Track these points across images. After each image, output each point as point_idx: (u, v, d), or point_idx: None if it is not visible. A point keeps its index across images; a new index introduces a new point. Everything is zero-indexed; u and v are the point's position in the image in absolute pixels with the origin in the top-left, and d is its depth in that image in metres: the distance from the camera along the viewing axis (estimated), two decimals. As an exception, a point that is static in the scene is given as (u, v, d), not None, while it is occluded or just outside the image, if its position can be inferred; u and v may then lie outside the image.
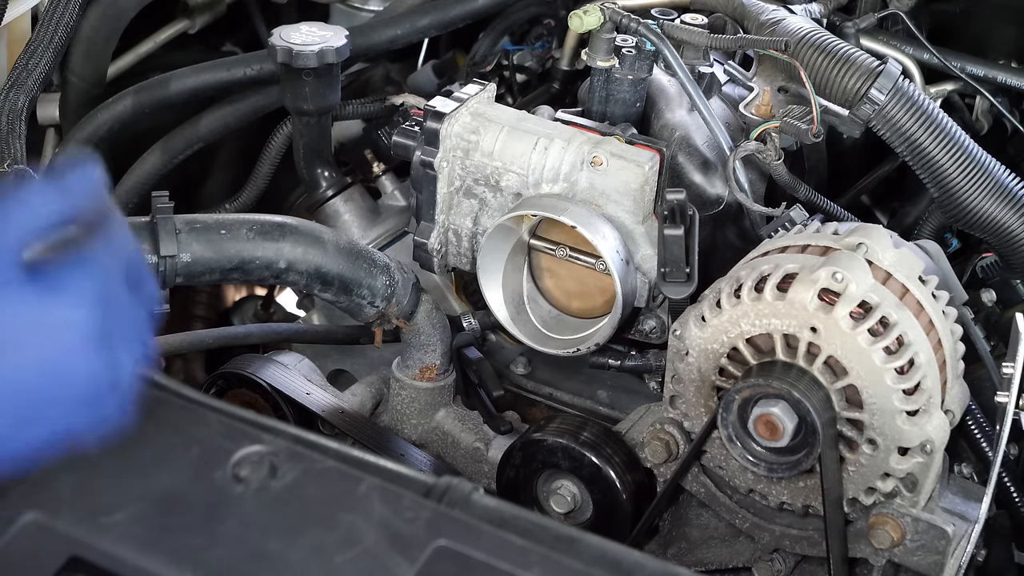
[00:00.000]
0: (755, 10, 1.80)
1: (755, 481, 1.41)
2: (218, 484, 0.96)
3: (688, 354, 1.38)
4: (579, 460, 1.48)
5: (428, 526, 0.93)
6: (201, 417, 1.01)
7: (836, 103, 1.61)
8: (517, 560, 0.91)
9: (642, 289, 1.53)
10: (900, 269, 1.36)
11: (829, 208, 1.66)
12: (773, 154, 1.59)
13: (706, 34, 1.69)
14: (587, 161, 1.52)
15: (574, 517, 1.52)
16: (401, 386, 1.67)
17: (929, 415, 1.29)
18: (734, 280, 1.35)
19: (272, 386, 1.65)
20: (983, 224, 1.58)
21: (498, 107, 1.60)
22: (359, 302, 1.54)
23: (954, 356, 1.38)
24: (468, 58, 2.16)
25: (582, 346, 1.54)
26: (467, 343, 1.68)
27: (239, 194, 2.04)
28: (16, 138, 1.72)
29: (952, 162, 1.57)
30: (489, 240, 1.53)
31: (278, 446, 0.99)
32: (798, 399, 1.28)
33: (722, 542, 1.52)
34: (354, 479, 0.97)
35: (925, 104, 1.58)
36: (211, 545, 0.91)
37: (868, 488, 1.34)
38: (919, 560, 1.35)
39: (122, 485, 0.94)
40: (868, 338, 1.28)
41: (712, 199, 1.66)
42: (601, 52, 1.64)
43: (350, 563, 0.90)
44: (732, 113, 1.73)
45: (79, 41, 1.89)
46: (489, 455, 1.64)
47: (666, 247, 1.43)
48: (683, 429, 1.44)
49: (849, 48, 1.64)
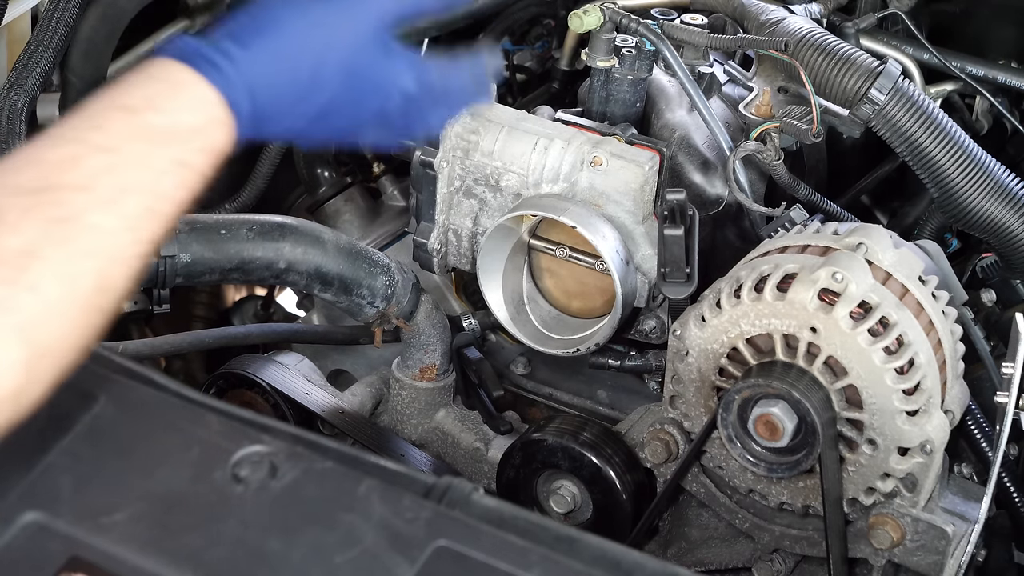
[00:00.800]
0: (755, 10, 1.80)
1: (755, 481, 1.41)
2: (218, 484, 0.96)
3: (688, 354, 1.38)
4: (579, 460, 1.48)
5: (428, 526, 0.93)
6: (201, 417, 1.01)
7: (836, 103, 1.61)
8: (517, 560, 0.91)
9: (642, 289, 1.53)
10: (900, 269, 1.36)
11: (829, 208, 1.66)
12: (773, 154, 1.59)
13: (706, 34, 1.69)
14: (587, 161, 1.52)
15: (574, 517, 1.52)
16: (401, 386, 1.67)
17: (929, 415, 1.29)
18: (734, 280, 1.35)
19: (272, 386, 1.66)
20: (983, 224, 1.58)
21: (498, 107, 1.60)
22: (359, 302, 1.54)
23: (954, 356, 1.38)
24: (468, 58, 2.16)
25: (582, 346, 1.54)
26: (467, 343, 1.68)
27: (239, 194, 2.04)
28: (16, 138, 1.72)
29: (952, 162, 1.57)
30: (489, 240, 1.53)
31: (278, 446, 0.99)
32: (798, 399, 1.28)
33: (722, 542, 1.52)
34: (354, 479, 0.97)
35: (925, 104, 1.58)
36: (211, 545, 0.91)
37: (868, 488, 1.34)
38: (919, 560, 1.35)
39: (122, 485, 0.94)
40: (868, 338, 1.28)
41: (712, 199, 1.66)
42: (601, 52, 1.64)
43: (350, 563, 0.90)
44: (732, 113, 1.73)
45: (79, 41, 1.89)
46: (489, 455, 1.64)
47: (666, 247, 1.43)
48: (683, 429, 1.44)
49: (849, 48, 1.64)
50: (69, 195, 0.91)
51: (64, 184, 0.92)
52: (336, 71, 1.08)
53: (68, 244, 0.89)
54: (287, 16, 1.08)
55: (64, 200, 0.91)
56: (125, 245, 0.93)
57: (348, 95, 1.09)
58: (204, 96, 1.02)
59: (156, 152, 0.97)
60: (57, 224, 0.89)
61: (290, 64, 1.06)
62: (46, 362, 0.88)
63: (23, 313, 0.87)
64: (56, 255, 0.89)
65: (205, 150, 1.01)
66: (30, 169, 0.93)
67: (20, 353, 0.86)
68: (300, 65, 1.07)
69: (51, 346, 0.88)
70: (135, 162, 0.96)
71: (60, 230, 0.89)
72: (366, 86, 1.10)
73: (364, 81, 1.10)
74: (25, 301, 0.87)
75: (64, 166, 0.93)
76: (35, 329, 0.87)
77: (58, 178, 0.92)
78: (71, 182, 0.92)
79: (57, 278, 0.88)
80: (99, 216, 0.91)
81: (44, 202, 0.90)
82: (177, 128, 1.00)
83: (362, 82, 1.10)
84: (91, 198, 0.92)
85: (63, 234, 0.89)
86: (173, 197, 0.97)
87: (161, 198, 0.96)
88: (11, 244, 0.88)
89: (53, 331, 0.88)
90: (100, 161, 0.94)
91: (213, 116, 1.02)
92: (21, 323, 0.86)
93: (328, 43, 1.08)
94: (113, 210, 0.92)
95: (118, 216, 0.93)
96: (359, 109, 1.11)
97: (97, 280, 0.91)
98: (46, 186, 0.91)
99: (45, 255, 0.88)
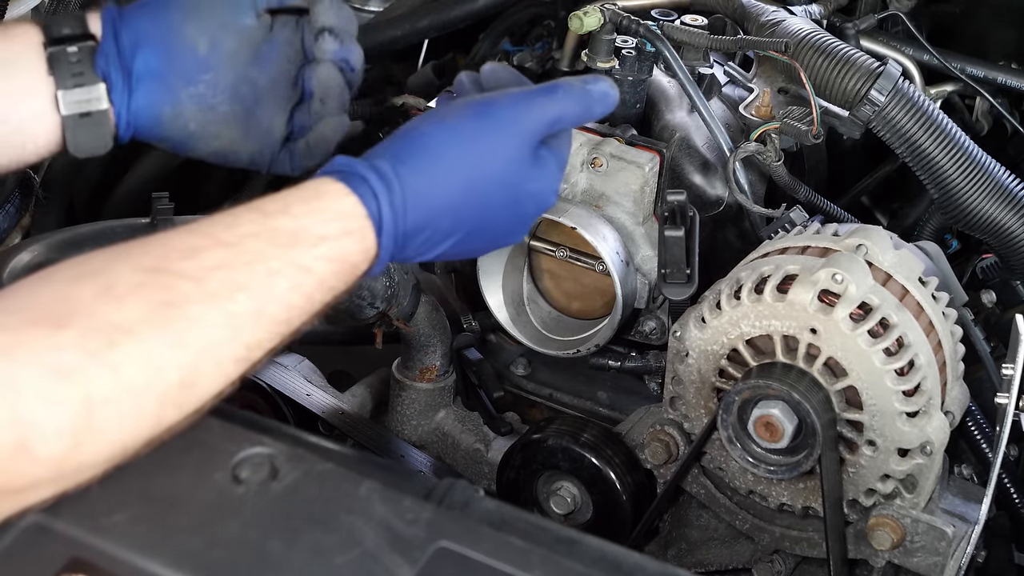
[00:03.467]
0: (755, 11, 1.80)
1: (755, 482, 1.41)
2: (218, 485, 0.96)
3: (688, 355, 1.38)
4: (579, 461, 1.48)
5: (428, 528, 0.93)
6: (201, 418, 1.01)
7: (836, 104, 1.61)
8: (517, 562, 0.91)
9: (642, 290, 1.53)
10: (900, 270, 1.36)
11: (829, 209, 1.67)
12: (773, 155, 1.59)
13: (706, 35, 1.69)
14: (587, 162, 1.52)
15: (574, 518, 1.52)
16: (401, 387, 1.67)
17: (929, 416, 1.30)
18: (734, 281, 1.35)
19: (272, 387, 1.66)
20: (983, 225, 1.58)
21: (498, 108, 1.60)
22: (359, 303, 1.54)
23: (954, 357, 1.38)
24: (468, 59, 2.16)
25: (582, 347, 1.54)
26: (467, 344, 1.67)
27: (239, 194, 2.04)
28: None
29: (952, 163, 1.57)
30: (489, 241, 1.53)
31: (278, 448, 0.99)
32: (798, 400, 1.28)
33: (722, 543, 1.52)
34: (354, 481, 0.97)
35: (925, 105, 1.58)
36: (211, 546, 0.91)
37: (868, 489, 1.34)
38: (919, 561, 1.35)
39: (123, 486, 0.94)
40: (868, 339, 1.28)
41: (712, 200, 1.66)
42: (601, 53, 1.64)
43: (350, 564, 0.90)
44: (732, 114, 1.73)
45: (79, 42, 1.89)
46: (489, 456, 1.64)
47: (667, 248, 1.43)
48: (683, 430, 1.44)
49: (849, 49, 1.64)
50: (179, 281, 0.89)
51: (178, 270, 0.90)
52: (492, 186, 1.10)
53: (164, 331, 0.87)
54: (441, 135, 1.08)
55: (173, 285, 0.89)
56: (222, 343, 0.91)
57: (506, 209, 1.12)
58: (342, 206, 1.01)
59: (274, 252, 0.94)
60: (159, 308, 0.87)
61: (445, 180, 1.06)
62: (102, 439, 0.86)
63: (94, 386, 0.84)
64: (149, 339, 0.87)
65: (332, 259, 0.98)
66: (155, 251, 0.91)
67: (76, 422, 0.84)
68: (454, 182, 1.07)
69: (111, 427, 0.86)
70: (250, 259, 0.93)
71: (161, 315, 0.87)
72: (521, 197, 1.13)
73: (520, 192, 1.12)
74: (100, 377, 0.85)
75: (184, 253, 0.91)
76: (102, 406, 0.85)
77: (175, 264, 0.90)
78: (185, 270, 0.90)
79: (142, 363, 0.86)
80: (201, 308, 0.89)
81: (154, 284, 0.88)
82: (303, 232, 0.97)
83: (518, 193, 1.12)
84: (199, 289, 0.90)
85: (163, 320, 0.87)
86: (287, 301, 0.95)
87: (272, 301, 0.93)
88: (111, 317, 0.86)
89: (120, 413, 0.86)
90: (218, 255, 0.92)
91: (349, 227, 1.00)
92: (89, 394, 0.84)
93: (482, 161, 1.09)
94: (217, 304, 0.90)
95: (221, 312, 0.90)
96: (517, 218, 1.15)
97: (183, 374, 0.89)
98: (161, 269, 0.89)
99: (138, 336, 0.86)
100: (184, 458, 0.98)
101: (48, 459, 0.85)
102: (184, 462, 0.98)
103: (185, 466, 0.98)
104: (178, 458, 0.98)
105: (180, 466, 0.98)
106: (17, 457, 0.83)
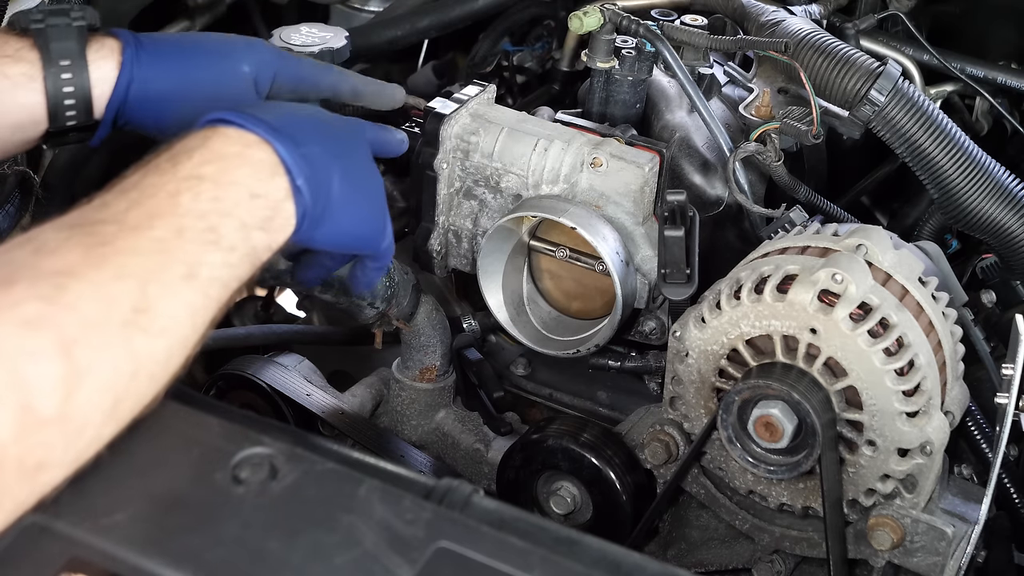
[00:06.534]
0: (755, 11, 1.80)
1: (755, 482, 1.41)
2: (218, 485, 0.96)
3: (688, 355, 1.38)
4: (579, 461, 1.48)
5: (428, 528, 0.93)
6: (201, 419, 1.01)
7: (836, 104, 1.61)
8: (517, 562, 0.91)
9: (642, 290, 1.53)
10: (900, 270, 1.36)
11: (829, 209, 1.67)
12: (773, 155, 1.59)
13: (706, 35, 1.69)
14: (587, 162, 1.52)
15: (574, 518, 1.52)
16: (401, 387, 1.67)
17: (929, 416, 1.29)
18: (734, 281, 1.35)
19: (272, 387, 1.66)
20: (983, 225, 1.58)
21: (498, 108, 1.61)
22: (359, 303, 1.54)
23: (954, 357, 1.38)
24: (468, 59, 2.16)
25: (582, 347, 1.54)
26: (467, 344, 1.68)
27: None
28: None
29: (952, 163, 1.57)
30: (489, 241, 1.53)
31: (278, 448, 0.99)
32: (798, 400, 1.28)
33: (722, 543, 1.52)
34: (354, 481, 0.97)
35: (925, 105, 1.58)
36: (211, 546, 0.91)
37: (868, 489, 1.34)
38: (919, 561, 1.35)
39: (122, 486, 0.95)
40: (868, 339, 1.28)
41: (712, 200, 1.66)
42: (601, 53, 1.64)
43: (350, 564, 0.90)
44: (732, 114, 1.73)
45: (79, 42, 1.89)
46: (489, 456, 1.64)
47: (667, 248, 1.43)
48: (683, 430, 1.44)
49: (849, 49, 1.64)
50: (99, 227, 0.96)
51: (96, 219, 0.97)
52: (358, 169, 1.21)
53: (102, 266, 0.93)
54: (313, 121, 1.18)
55: (96, 231, 0.95)
56: (160, 267, 0.96)
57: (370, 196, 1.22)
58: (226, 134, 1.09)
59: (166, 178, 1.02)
60: (91, 249, 0.93)
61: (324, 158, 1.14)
62: (89, 382, 0.89)
63: (62, 328, 0.88)
64: (92, 276, 0.92)
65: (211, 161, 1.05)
66: (70, 215, 0.98)
67: (60, 368, 0.87)
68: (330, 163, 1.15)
69: (91, 365, 0.89)
70: (152, 191, 1.01)
71: (94, 254, 0.93)
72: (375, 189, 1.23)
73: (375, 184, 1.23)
74: (63, 317, 0.89)
75: (96, 208, 0.99)
76: (75, 346, 0.88)
77: (91, 216, 0.97)
78: (102, 218, 0.97)
79: (94, 298, 0.91)
80: (128, 241, 0.95)
81: (80, 233, 0.95)
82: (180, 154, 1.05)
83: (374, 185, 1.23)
84: (119, 228, 0.96)
85: (98, 257, 0.93)
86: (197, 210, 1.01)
87: (186, 216, 1.00)
88: (51, 266, 0.91)
89: (92, 348, 0.90)
90: (124, 199, 1.00)
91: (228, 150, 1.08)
92: (60, 337, 0.88)
93: (347, 149, 1.20)
94: (141, 233, 0.97)
95: (147, 239, 0.97)
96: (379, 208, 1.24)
97: (133, 300, 0.93)
98: (80, 223, 0.96)
99: (81, 275, 0.91)
100: (184, 458, 0.98)
101: (51, 417, 0.86)
102: (184, 462, 0.98)
103: (185, 466, 0.98)
104: (178, 458, 0.98)
105: (180, 466, 0.98)
106: (24, 420, 0.85)
